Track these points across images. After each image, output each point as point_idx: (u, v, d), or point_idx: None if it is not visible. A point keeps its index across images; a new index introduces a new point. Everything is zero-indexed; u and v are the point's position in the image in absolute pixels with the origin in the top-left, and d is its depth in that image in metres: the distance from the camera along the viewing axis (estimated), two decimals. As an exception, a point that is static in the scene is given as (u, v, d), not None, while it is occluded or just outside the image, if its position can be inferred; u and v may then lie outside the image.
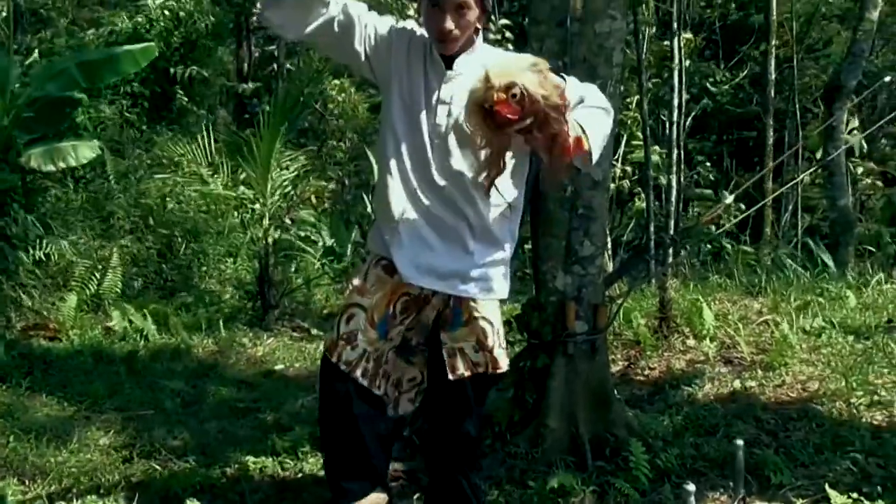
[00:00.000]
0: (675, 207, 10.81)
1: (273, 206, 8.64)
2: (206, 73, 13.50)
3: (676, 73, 10.34)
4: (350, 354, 2.91)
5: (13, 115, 8.41)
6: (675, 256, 8.76)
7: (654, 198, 10.01)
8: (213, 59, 14.07)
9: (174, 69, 12.70)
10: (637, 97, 10.10)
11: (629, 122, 11.34)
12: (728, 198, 6.97)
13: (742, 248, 11.07)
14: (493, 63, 2.49)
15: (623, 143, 11.39)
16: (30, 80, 9.14)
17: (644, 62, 9.40)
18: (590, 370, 4.18)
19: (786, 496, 3.71)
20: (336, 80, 15.32)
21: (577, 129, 2.56)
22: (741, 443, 3.68)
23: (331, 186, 14.01)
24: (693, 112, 14.21)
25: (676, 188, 10.79)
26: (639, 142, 10.28)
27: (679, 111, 10.68)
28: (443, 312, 2.96)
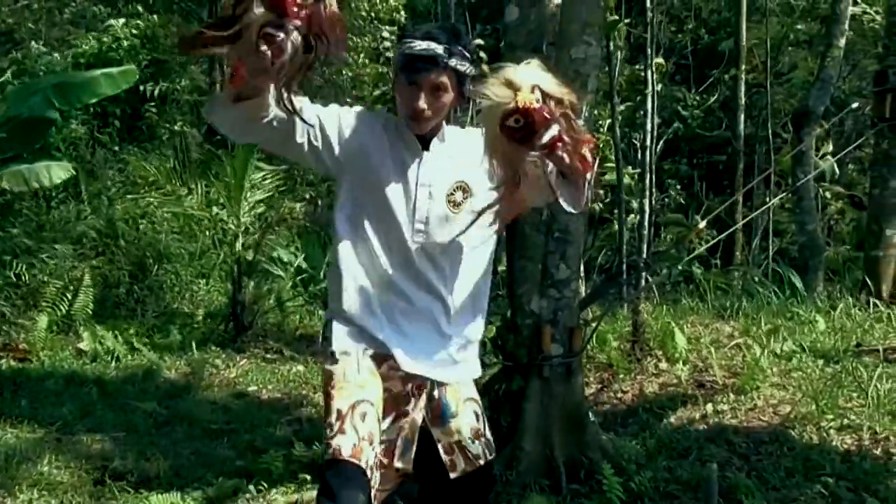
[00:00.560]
0: (648, 231, 10.87)
1: (245, 227, 8.62)
2: (179, 87, 13.45)
3: (650, 98, 10.42)
4: (370, 455, 2.49)
5: (-15, 136, 8.31)
6: (649, 280, 8.79)
7: (626, 221, 10.07)
8: (184, 76, 14.00)
9: (144, 87, 12.63)
10: (609, 121, 10.17)
11: (601, 145, 11.40)
12: (701, 223, 7.03)
13: (713, 273, 11.13)
14: (497, 71, 2.29)
15: (594, 166, 11.40)
16: (3, 100, 9.06)
17: (616, 86, 9.47)
18: (565, 393, 4.21)
19: (758, 519, 3.75)
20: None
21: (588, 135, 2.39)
22: (715, 466, 3.72)
23: (302, 207, 13.96)
24: (664, 136, 14.33)
25: (649, 212, 10.86)
26: (611, 163, 10.35)
27: (651, 135, 10.76)
28: (429, 407, 2.72)
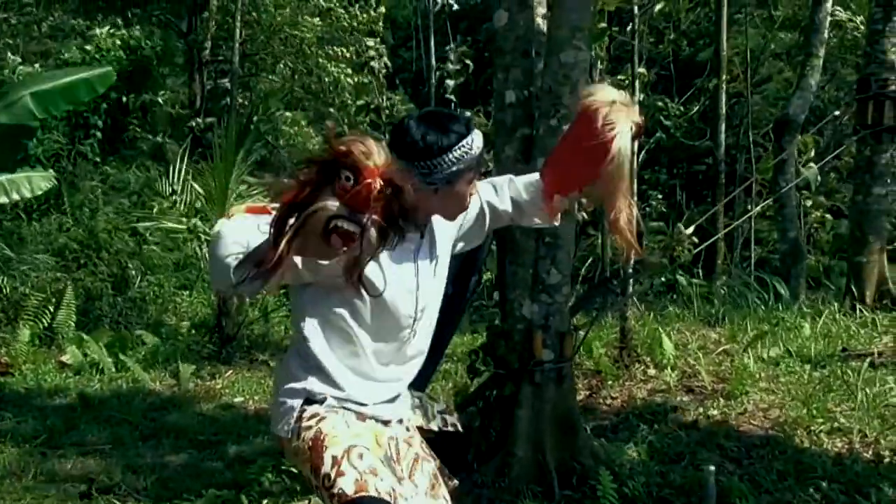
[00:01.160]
0: (633, 239, 10.83)
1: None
2: (161, 100, 13.42)
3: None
4: (383, 485, 2.35)
5: (-35, 148, 8.22)
6: (636, 287, 8.79)
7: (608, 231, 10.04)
8: (165, 87, 13.99)
9: (126, 98, 12.61)
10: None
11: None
12: (686, 230, 7.03)
13: (696, 281, 11.15)
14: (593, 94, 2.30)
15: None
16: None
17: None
18: (557, 398, 4.19)
19: (753, 523, 3.74)
20: (288, 113, 15.28)
21: None
22: (712, 468, 3.70)
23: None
24: (646, 146, 14.36)
25: (633, 220, 10.84)
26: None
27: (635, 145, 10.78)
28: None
